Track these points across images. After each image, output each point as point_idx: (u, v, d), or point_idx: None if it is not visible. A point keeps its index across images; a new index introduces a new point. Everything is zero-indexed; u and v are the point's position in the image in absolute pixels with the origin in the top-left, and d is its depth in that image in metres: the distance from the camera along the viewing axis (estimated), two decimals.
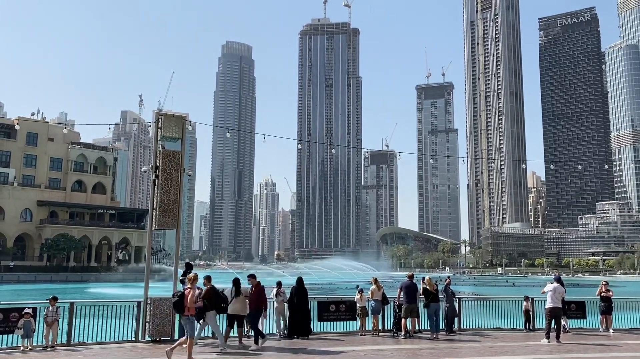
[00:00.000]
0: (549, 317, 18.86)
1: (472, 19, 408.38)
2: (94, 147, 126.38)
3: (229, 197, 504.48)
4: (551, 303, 18.75)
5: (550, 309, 18.76)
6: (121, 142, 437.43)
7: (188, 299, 14.06)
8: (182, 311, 14.18)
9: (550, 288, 18.93)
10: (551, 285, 19.05)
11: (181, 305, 14.12)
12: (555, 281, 19.25)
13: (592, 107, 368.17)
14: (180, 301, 14.17)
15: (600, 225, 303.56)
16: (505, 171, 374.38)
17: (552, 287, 18.91)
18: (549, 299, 18.92)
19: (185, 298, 14.13)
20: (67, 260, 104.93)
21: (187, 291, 14.32)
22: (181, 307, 14.13)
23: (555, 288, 18.83)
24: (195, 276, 14.75)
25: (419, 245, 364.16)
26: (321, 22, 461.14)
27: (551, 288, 18.93)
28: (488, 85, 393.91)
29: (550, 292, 18.86)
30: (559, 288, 18.89)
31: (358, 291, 20.23)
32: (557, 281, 19.17)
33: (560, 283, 19.24)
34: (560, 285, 19.01)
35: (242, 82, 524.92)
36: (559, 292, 18.85)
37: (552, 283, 19.21)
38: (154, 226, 17.82)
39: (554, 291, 18.81)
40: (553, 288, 18.86)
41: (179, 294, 14.38)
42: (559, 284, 19.01)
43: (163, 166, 17.82)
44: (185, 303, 14.05)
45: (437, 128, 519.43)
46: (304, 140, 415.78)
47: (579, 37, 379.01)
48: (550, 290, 18.89)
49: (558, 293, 18.83)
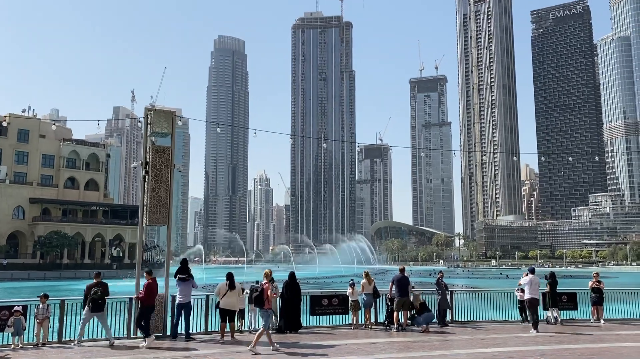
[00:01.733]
0: (530, 308, 19.38)
1: (465, 11, 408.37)
2: (86, 144, 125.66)
3: (223, 193, 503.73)
4: (529, 294, 19.31)
5: (529, 301, 19.34)
6: (114, 138, 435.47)
7: (268, 293, 15.09)
8: (262, 304, 15.11)
9: (527, 280, 19.44)
10: (527, 277, 19.55)
11: (262, 299, 15.07)
12: (529, 272, 19.76)
13: (585, 99, 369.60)
14: (261, 296, 15.12)
15: (593, 216, 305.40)
16: (499, 164, 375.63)
17: (529, 279, 19.42)
18: (527, 291, 19.46)
19: (265, 292, 15.10)
20: (61, 257, 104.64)
21: (265, 285, 15.29)
22: (262, 301, 15.07)
23: (532, 279, 19.37)
24: (270, 271, 16.05)
25: (413, 239, 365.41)
26: (314, 16, 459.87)
27: (527, 279, 19.43)
28: (481, 78, 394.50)
29: (527, 284, 19.37)
30: (535, 279, 19.46)
31: (350, 284, 20.30)
32: (532, 273, 19.70)
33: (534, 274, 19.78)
34: (534, 276, 19.53)
35: (235, 76, 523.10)
36: (535, 283, 19.43)
37: (527, 275, 19.70)
38: (145, 222, 17.76)
39: (530, 282, 19.34)
40: (529, 280, 19.37)
41: (260, 289, 15.30)
42: (534, 275, 19.54)
43: (153, 162, 17.74)
44: (265, 297, 15.03)
45: (430, 122, 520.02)
46: (295, 135, 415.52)
47: (572, 29, 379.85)
48: (527, 281, 19.40)
49: (535, 284, 19.41)
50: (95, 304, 15.54)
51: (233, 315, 17.00)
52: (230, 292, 16.68)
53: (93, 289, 15.72)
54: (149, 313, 16.18)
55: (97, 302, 15.55)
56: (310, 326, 19.82)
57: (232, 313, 16.90)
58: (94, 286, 15.78)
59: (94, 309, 15.56)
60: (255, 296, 15.29)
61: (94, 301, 15.55)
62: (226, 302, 16.60)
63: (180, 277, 16.99)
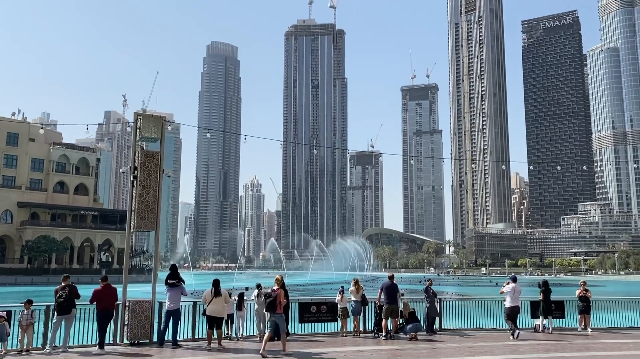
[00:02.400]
0: (510, 316, 19.66)
1: (457, 21, 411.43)
2: (76, 148, 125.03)
3: (214, 198, 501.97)
4: (511, 302, 19.62)
5: (511, 308, 19.63)
6: (104, 142, 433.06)
7: (282, 298, 15.75)
8: (275, 309, 15.70)
9: (509, 288, 19.73)
10: (509, 285, 19.85)
11: (274, 304, 15.70)
12: (511, 281, 20.09)
13: (574, 109, 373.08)
14: (274, 301, 15.71)
15: (582, 225, 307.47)
16: (489, 172, 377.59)
17: (511, 287, 19.72)
18: (508, 299, 19.74)
19: (278, 297, 15.71)
20: (49, 262, 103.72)
21: (278, 291, 15.88)
22: (275, 306, 15.70)
23: (514, 287, 19.68)
24: (281, 277, 16.60)
25: (404, 246, 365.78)
26: (307, 23, 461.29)
27: (510, 288, 19.73)
28: (472, 87, 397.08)
29: (510, 292, 19.67)
30: (517, 287, 19.80)
31: (339, 291, 20.26)
32: (513, 281, 20.05)
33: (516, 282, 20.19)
34: (516, 284, 19.88)
35: (227, 82, 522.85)
36: (517, 291, 19.74)
37: (509, 283, 20.00)
38: (132, 227, 17.65)
39: (512, 291, 19.64)
40: (512, 288, 19.67)
41: (274, 295, 15.82)
42: (516, 284, 19.91)
43: (142, 167, 17.65)
44: (278, 302, 15.67)
45: (422, 130, 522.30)
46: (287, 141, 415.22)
47: (562, 39, 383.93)
48: (510, 290, 19.69)
49: (517, 292, 19.73)
50: (61, 307, 15.37)
51: (220, 322, 16.89)
52: (216, 299, 16.57)
53: (59, 292, 15.55)
54: (102, 319, 15.92)
55: (63, 305, 15.36)
56: (298, 333, 19.75)
57: (219, 320, 16.79)
58: (61, 289, 15.60)
59: (60, 312, 15.37)
60: (269, 302, 15.84)
61: (59, 304, 15.38)
62: (212, 309, 16.49)
63: (169, 283, 16.86)
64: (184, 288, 17.15)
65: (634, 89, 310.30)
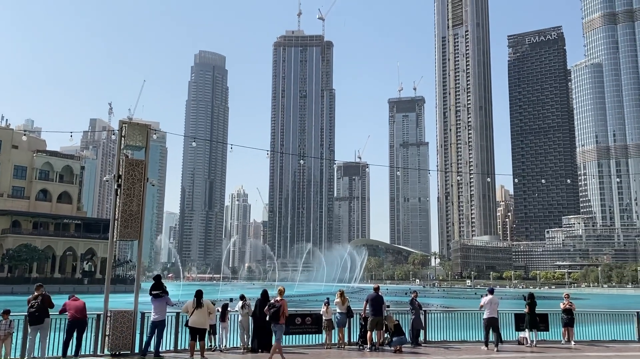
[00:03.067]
0: (487, 327, 20.07)
1: (443, 34, 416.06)
2: (60, 155, 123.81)
3: (199, 208, 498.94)
4: (488, 313, 20.05)
5: (488, 320, 20.05)
6: (89, 150, 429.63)
7: (285, 309, 16.58)
8: (278, 319, 16.39)
9: (487, 300, 20.19)
10: (486, 297, 20.31)
11: (278, 315, 16.44)
12: (489, 293, 20.62)
13: (559, 123, 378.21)
14: (278, 311, 16.45)
15: (566, 238, 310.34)
16: (475, 184, 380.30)
17: (488, 299, 20.19)
18: (486, 311, 20.15)
19: (282, 308, 16.47)
20: (30, 271, 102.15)
21: (282, 301, 16.67)
22: (278, 316, 16.43)
23: (491, 299, 20.18)
24: (283, 289, 17.45)
25: (390, 257, 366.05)
26: (295, 34, 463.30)
27: (487, 299, 20.19)
28: (458, 100, 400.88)
29: (487, 304, 20.13)
30: (494, 299, 20.35)
31: (325, 303, 20.14)
32: (490, 293, 20.58)
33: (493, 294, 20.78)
34: (493, 296, 20.43)
35: (215, 91, 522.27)
36: (494, 303, 20.26)
37: (486, 295, 20.45)
38: (115, 237, 17.43)
39: (490, 302, 20.13)
40: (489, 300, 20.15)
41: (278, 305, 16.54)
42: (493, 295, 20.47)
43: (126, 175, 17.47)
44: (282, 312, 16.48)
45: (408, 142, 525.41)
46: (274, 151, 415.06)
47: (547, 54, 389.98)
48: (487, 301, 20.16)
49: (494, 304, 20.24)
50: (32, 317, 15.11)
51: (203, 333, 16.67)
52: (198, 310, 16.36)
53: (31, 301, 15.27)
54: (69, 329, 15.70)
55: (34, 315, 15.10)
56: (282, 345, 19.54)
57: (202, 331, 16.57)
58: (33, 299, 15.34)
59: (32, 322, 15.13)
60: (274, 312, 16.44)
61: (31, 314, 15.12)
62: (194, 320, 16.28)
63: (154, 294, 16.62)
64: (169, 298, 16.93)
65: (617, 105, 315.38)
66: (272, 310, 16.51)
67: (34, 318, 15.12)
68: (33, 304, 15.20)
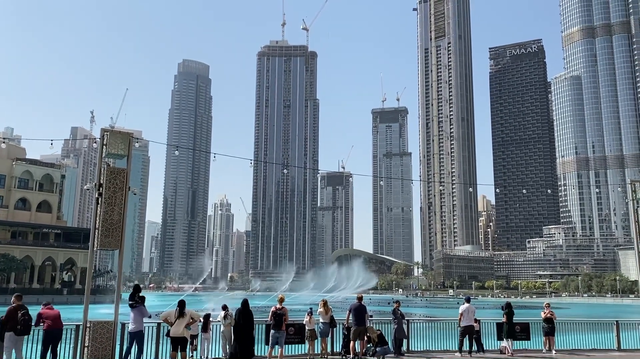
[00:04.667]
0: (463, 334, 20.64)
1: (426, 46, 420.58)
2: (40, 164, 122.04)
3: (181, 217, 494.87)
4: (465, 321, 20.64)
5: (465, 327, 20.63)
6: (70, 159, 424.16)
7: (287, 316, 17.37)
8: (280, 326, 17.30)
9: (464, 308, 20.82)
10: (464, 306, 20.94)
11: (281, 322, 17.28)
12: (465, 301, 21.28)
13: (539, 134, 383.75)
14: (281, 319, 17.32)
15: (546, 248, 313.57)
16: (457, 194, 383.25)
17: (465, 307, 20.83)
18: (463, 319, 20.67)
19: (285, 315, 17.27)
20: (7, 282, 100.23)
21: (284, 309, 17.53)
22: (281, 323, 17.28)
23: (468, 307, 20.84)
24: (283, 297, 18.61)
25: (373, 267, 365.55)
26: (279, 44, 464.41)
27: (464, 308, 20.81)
28: (441, 111, 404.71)
29: (465, 312, 20.75)
30: (471, 307, 21.01)
31: (308, 313, 20.05)
32: (467, 302, 21.24)
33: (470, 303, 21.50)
34: (470, 305, 21.16)
35: (198, 100, 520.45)
36: (471, 311, 20.90)
37: (464, 304, 21.10)
38: (96, 246, 17.20)
39: (467, 311, 20.76)
40: (466, 308, 20.79)
41: (280, 313, 17.43)
42: (470, 304, 21.18)
43: (107, 184, 17.29)
44: (285, 320, 17.29)
45: (391, 152, 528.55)
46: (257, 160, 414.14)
47: (527, 67, 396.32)
48: (465, 309, 20.78)
49: (470, 312, 20.86)
50: (27, 326, 14.83)
51: (185, 344, 16.47)
52: (180, 320, 16.18)
53: (21, 311, 14.92)
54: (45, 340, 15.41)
55: (28, 324, 14.84)
56: (264, 355, 19.40)
57: (184, 341, 16.38)
58: (21, 309, 14.98)
59: (24, 332, 14.81)
60: (277, 319, 17.23)
61: (25, 324, 14.76)
62: (176, 331, 16.09)
63: (129, 303, 16.48)
64: (144, 308, 16.68)
65: (595, 117, 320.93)
66: (276, 318, 17.29)
67: (28, 328, 14.85)
68: (25, 313, 14.87)
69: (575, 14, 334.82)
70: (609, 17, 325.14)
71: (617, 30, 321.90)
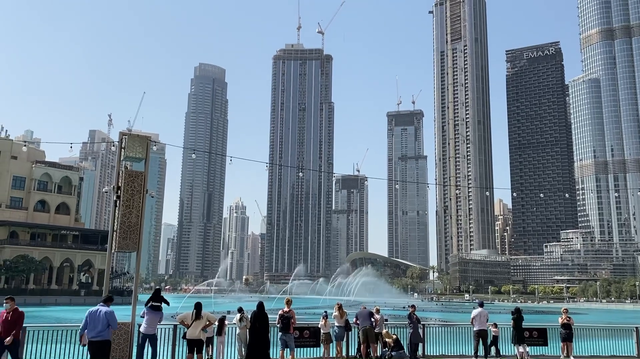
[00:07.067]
0: (477, 339, 20.78)
1: (442, 49, 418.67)
2: (59, 166, 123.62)
3: (197, 220, 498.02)
4: (478, 325, 20.78)
5: (478, 332, 20.78)
6: (88, 161, 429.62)
7: (295, 319, 17.54)
8: (288, 329, 17.47)
9: (476, 313, 20.95)
10: (476, 311, 21.06)
11: (289, 325, 17.47)
12: (478, 306, 21.41)
13: (557, 138, 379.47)
14: (289, 322, 17.50)
15: (564, 253, 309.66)
16: (473, 198, 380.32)
17: (478, 312, 20.95)
18: (476, 323, 20.85)
19: (292, 318, 17.45)
20: (27, 282, 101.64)
21: (291, 312, 17.75)
22: (289, 326, 17.46)
23: (480, 312, 20.91)
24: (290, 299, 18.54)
25: (388, 271, 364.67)
26: (295, 48, 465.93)
27: (476, 312, 20.94)
28: (457, 114, 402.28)
29: (477, 317, 20.87)
30: (483, 312, 21.04)
31: (323, 316, 20.08)
32: (480, 306, 21.38)
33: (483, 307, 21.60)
34: (482, 309, 21.22)
35: (215, 104, 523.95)
36: (483, 316, 20.92)
37: (475, 308, 21.21)
38: (114, 248, 17.41)
39: (479, 315, 20.84)
40: (478, 313, 20.90)
41: (287, 316, 17.64)
42: (482, 308, 21.27)
43: (125, 187, 17.50)
44: (292, 323, 17.51)
45: (407, 155, 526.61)
46: (273, 163, 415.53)
47: (544, 69, 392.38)
48: (477, 314, 20.90)
49: (483, 317, 20.90)
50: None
51: (201, 346, 16.55)
52: (196, 322, 16.25)
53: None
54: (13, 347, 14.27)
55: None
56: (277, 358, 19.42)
57: (200, 344, 16.46)
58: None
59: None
60: (285, 322, 17.35)
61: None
62: (192, 333, 16.17)
63: (152, 305, 16.38)
64: (162, 314, 16.64)
65: (614, 120, 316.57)
66: (283, 321, 17.30)
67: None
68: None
69: (593, 16, 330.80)
70: (629, 18, 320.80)
71: (637, 32, 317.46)
